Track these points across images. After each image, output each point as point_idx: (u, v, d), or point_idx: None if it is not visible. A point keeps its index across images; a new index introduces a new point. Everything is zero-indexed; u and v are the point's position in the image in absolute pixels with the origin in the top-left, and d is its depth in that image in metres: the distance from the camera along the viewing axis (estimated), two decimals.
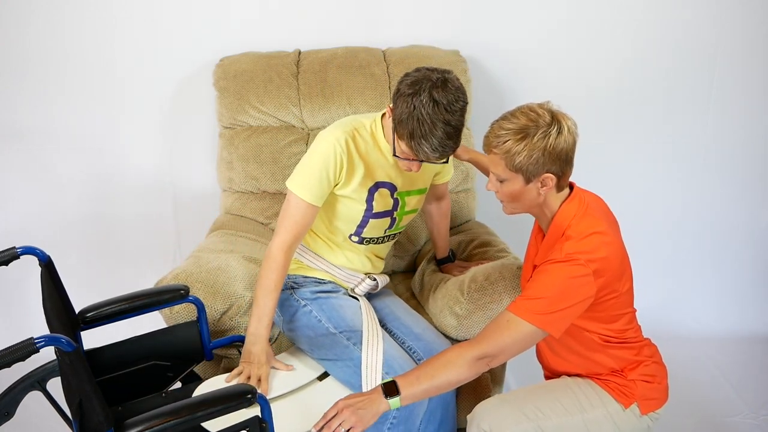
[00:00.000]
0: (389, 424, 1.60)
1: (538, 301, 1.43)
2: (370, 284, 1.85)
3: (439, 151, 1.54)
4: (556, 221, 1.51)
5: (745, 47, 2.64)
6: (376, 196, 1.73)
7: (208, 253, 1.96)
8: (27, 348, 1.16)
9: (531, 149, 1.41)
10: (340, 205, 1.73)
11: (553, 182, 1.46)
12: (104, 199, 2.66)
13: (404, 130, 1.55)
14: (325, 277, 1.83)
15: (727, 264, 2.91)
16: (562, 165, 1.45)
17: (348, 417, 1.42)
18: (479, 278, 1.87)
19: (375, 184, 1.72)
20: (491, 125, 1.48)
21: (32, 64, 2.48)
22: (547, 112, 1.44)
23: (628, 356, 1.58)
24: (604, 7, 2.57)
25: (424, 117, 1.50)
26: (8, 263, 1.45)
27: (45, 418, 1.79)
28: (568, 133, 1.43)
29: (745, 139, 2.75)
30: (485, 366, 1.46)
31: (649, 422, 1.60)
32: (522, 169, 1.44)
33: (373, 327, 1.71)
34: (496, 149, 1.45)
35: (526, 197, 1.50)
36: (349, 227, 1.76)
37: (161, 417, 1.24)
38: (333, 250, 1.82)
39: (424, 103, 1.50)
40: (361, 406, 1.43)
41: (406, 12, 2.54)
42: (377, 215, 1.75)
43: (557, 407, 1.56)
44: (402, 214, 1.81)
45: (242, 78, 2.33)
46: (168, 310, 1.75)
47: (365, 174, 1.70)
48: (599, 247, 1.44)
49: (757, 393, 2.51)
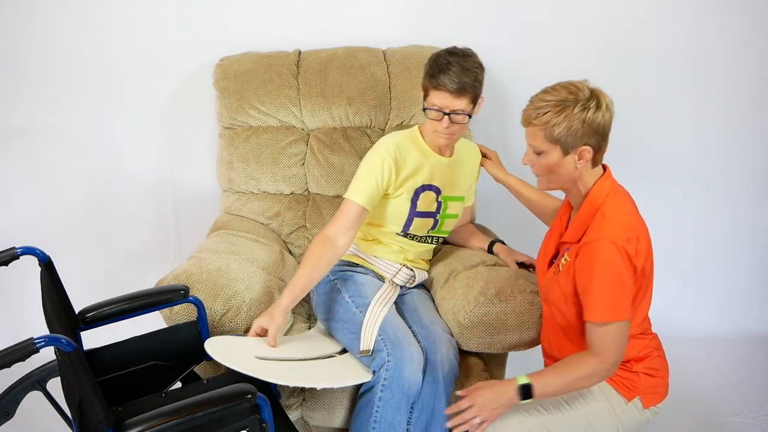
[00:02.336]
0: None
1: (605, 297, 1.46)
2: (408, 274, 2.01)
3: (455, 82, 1.77)
4: (590, 197, 1.54)
5: (745, 47, 2.64)
6: (422, 197, 1.93)
7: (209, 254, 1.96)
8: (27, 348, 1.16)
9: (570, 121, 1.45)
10: (389, 207, 1.93)
11: (590, 155, 1.50)
12: (104, 199, 2.66)
13: (426, 78, 1.84)
14: (361, 263, 2.01)
15: (727, 264, 2.91)
16: (599, 139, 1.49)
17: (484, 411, 1.50)
18: (490, 292, 1.85)
19: (421, 187, 1.93)
20: (530, 99, 1.52)
21: (32, 64, 2.48)
22: (587, 88, 1.49)
23: (639, 346, 1.60)
24: (605, 8, 2.57)
25: (441, 58, 1.81)
26: (8, 263, 1.45)
27: (45, 418, 1.79)
28: (606, 109, 1.48)
29: (745, 139, 2.75)
30: (614, 371, 1.51)
31: (649, 416, 1.62)
32: (560, 140, 1.47)
33: (382, 299, 1.88)
34: (535, 120, 1.49)
35: (562, 170, 1.52)
36: (396, 226, 1.96)
37: (161, 417, 1.24)
38: (374, 244, 2.01)
39: (442, 53, 1.83)
40: (495, 402, 1.50)
41: (407, 12, 2.54)
42: (420, 214, 1.95)
43: (558, 402, 1.57)
44: (444, 217, 2.00)
45: (242, 78, 2.33)
46: (168, 311, 1.75)
47: (411, 178, 1.91)
48: (635, 226, 1.50)
49: (757, 393, 2.51)
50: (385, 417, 1.69)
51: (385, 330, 1.78)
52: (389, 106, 2.36)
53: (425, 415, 1.73)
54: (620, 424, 1.58)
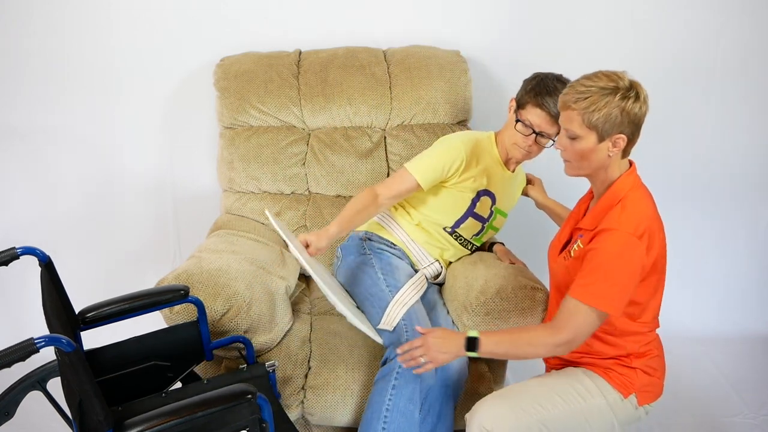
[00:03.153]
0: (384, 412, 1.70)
1: (599, 283, 1.47)
2: (438, 269, 2.06)
3: (558, 106, 1.74)
4: (613, 188, 1.55)
5: (745, 47, 2.64)
6: (482, 200, 2.01)
7: (210, 254, 1.96)
8: (27, 348, 1.16)
9: (610, 108, 1.46)
10: (451, 198, 1.99)
11: (624, 144, 1.51)
12: (104, 199, 2.66)
13: (530, 94, 1.88)
14: (399, 245, 2.06)
15: (727, 264, 2.91)
16: (633, 129, 1.50)
17: (431, 352, 1.58)
18: (490, 291, 1.85)
19: (484, 190, 2.00)
20: (569, 84, 1.54)
21: (32, 64, 2.48)
22: (627, 78, 1.50)
23: (641, 342, 1.61)
24: (605, 8, 2.57)
25: (550, 81, 1.86)
26: (8, 263, 1.45)
27: (45, 418, 1.79)
28: (644, 101, 1.49)
29: (744, 139, 2.75)
30: (565, 351, 1.51)
31: (642, 414, 1.63)
32: (597, 126, 1.48)
33: (415, 286, 1.93)
34: (575, 105, 1.49)
35: (595, 157, 1.53)
36: (449, 219, 2.02)
37: (161, 417, 1.24)
38: (417, 230, 2.05)
39: (550, 76, 1.88)
40: (444, 348, 1.58)
41: (406, 12, 2.54)
42: (475, 216, 2.02)
43: (555, 399, 1.57)
44: (490, 227, 2.08)
45: (243, 78, 2.33)
46: (168, 311, 1.75)
47: (478, 177, 1.97)
48: (652, 222, 1.51)
49: (757, 393, 2.51)
50: (398, 406, 1.70)
51: (410, 316, 1.80)
52: (389, 106, 2.36)
53: (431, 417, 1.74)
54: (616, 420, 1.59)
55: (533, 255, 2.17)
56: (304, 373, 1.85)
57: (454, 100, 2.37)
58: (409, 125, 2.37)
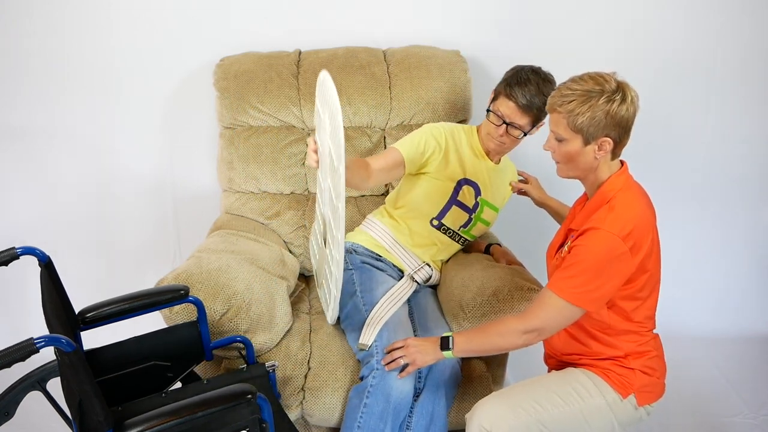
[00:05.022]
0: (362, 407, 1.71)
1: (575, 278, 1.48)
2: (428, 272, 2.06)
3: (527, 99, 1.84)
4: (602, 189, 1.56)
5: (745, 47, 2.64)
6: (464, 189, 2.02)
7: (209, 254, 1.96)
8: (27, 348, 1.16)
9: (594, 111, 1.46)
10: (432, 187, 2.00)
11: (610, 147, 1.51)
12: (104, 199, 2.66)
13: (501, 85, 1.91)
14: (385, 255, 2.05)
15: (726, 264, 2.90)
16: (620, 132, 1.50)
17: (411, 354, 1.66)
18: (487, 292, 1.86)
19: (464, 179, 2.01)
20: (557, 86, 1.54)
21: (32, 64, 2.48)
22: (614, 80, 1.50)
23: (638, 341, 1.61)
24: (604, 8, 2.57)
25: (523, 72, 1.87)
26: (8, 263, 1.45)
27: (45, 418, 1.79)
28: (631, 102, 1.49)
29: (745, 139, 2.75)
30: (535, 339, 1.55)
31: (643, 414, 1.63)
32: (582, 129, 1.49)
33: (394, 297, 1.92)
34: (560, 108, 1.50)
35: (581, 159, 1.54)
36: (434, 209, 2.02)
37: (161, 417, 1.24)
38: (405, 233, 2.06)
39: (526, 68, 1.89)
40: (423, 350, 1.66)
41: (406, 12, 2.54)
42: (459, 204, 2.03)
43: (554, 399, 1.57)
44: (478, 219, 2.07)
45: (242, 78, 2.33)
46: (168, 311, 1.75)
47: (457, 165, 1.99)
48: (640, 223, 1.50)
49: (757, 393, 2.51)
50: (368, 424, 1.70)
51: (382, 336, 1.79)
52: (389, 106, 2.36)
53: (424, 420, 1.74)
54: (615, 420, 1.59)
55: (533, 255, 2.17)
56: (303, 373, 1.85)
57: (454, 100, 2.37)
58: (409, 125, 2.37)
